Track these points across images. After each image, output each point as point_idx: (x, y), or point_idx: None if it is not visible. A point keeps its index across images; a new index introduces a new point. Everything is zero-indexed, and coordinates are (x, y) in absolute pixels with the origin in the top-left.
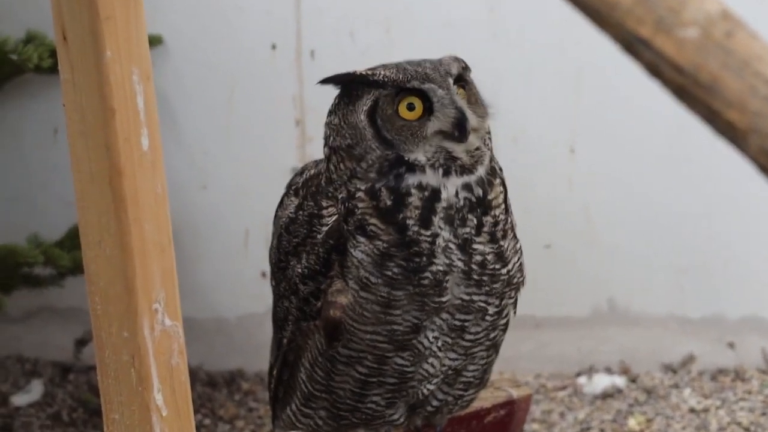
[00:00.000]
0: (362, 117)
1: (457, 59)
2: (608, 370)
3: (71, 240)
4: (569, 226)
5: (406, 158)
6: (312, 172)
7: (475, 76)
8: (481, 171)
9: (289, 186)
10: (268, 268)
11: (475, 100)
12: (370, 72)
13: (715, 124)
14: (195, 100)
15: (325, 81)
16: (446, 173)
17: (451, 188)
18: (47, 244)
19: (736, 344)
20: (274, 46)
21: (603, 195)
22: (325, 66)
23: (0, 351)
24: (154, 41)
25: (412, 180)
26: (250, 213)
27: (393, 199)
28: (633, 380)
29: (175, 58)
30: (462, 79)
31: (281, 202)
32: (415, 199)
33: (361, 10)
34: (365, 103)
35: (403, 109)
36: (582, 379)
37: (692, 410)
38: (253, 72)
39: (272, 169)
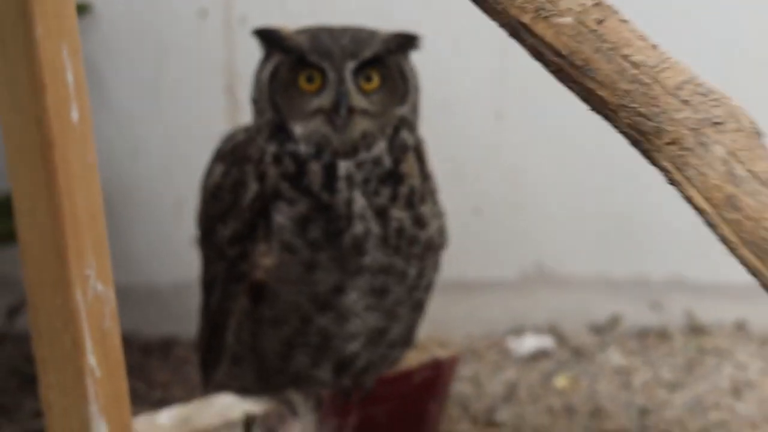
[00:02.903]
0: (265, 76)
1: (387, 39)
2: (537, 331)
3: (1, 210)
4: (497, 190)
5: (287, 127)
6: (239, 138)
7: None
8: (378, 149)
9: (215, 153)
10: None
11: (392, 84)
12: (285, 34)
13: (589, 102)
14: (124, 68)
15: (254, 32)
16: (318, 153)
17: (343, 163)
18: None
19: (660, 304)
20: (203, 12)
21: (530, 160)
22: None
23: None
24: (83, 9)
25: (290, 148)
26: (181, 180)
27: (295, 166)
28: (561, 341)
29: (104, 26)
30: (380, 61)
31: (208, 170)
32: (314, 166)
33: None
34: (271, 64)
35: (302, 79)
36: (511, 340)
37: (617, 369)
38: (182, 39)
39: (203, 136)
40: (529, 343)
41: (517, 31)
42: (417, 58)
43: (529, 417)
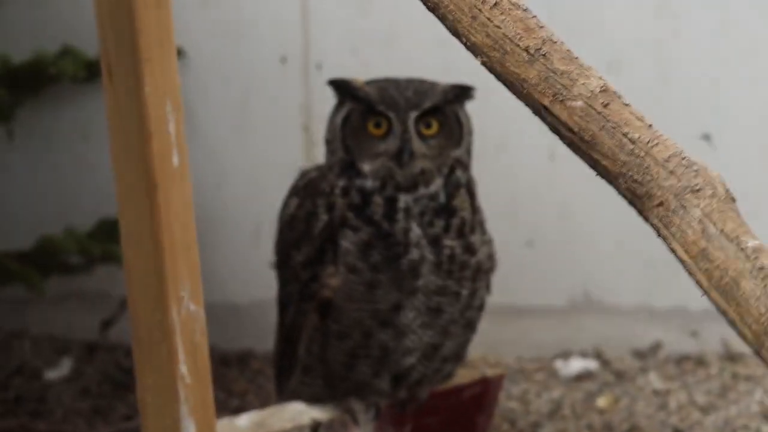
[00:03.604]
0: (338, 121)
1: (446, 90)
2: (582, 355)
3: (100, 231)
4: (549, 224)
5: (357, 165)
6: (312, 175)
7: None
8: (435, 186)
9: (291, 188)
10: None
11: (449, 130)
12: (357, 85)
13: (595, 168)
14: (213, 106)
15: (329, 82)
16: (383, 187)
17: (404, 197)
18: (80, 234)
19: (698, 333)
20: (284, 59)
21: (579, 197)
22: (329, 77)
23: (33, 331)
24: (178, 54)
25: (358, 183)
26: (261, 209)
27: (360, 198)
28: (605, 364)
29: (196, 69)
30: (438, 110)
31: (284, 203)
32: (377, 198)
33: (363, 28)
34: (344, 110)
35: (371, 125)
36: (558, 363)
37: (655, 392)
38: (265, 82)
39: (281, 169)
40: (575, 365)
41: (539, 110)
42: (477, 104)
43: None
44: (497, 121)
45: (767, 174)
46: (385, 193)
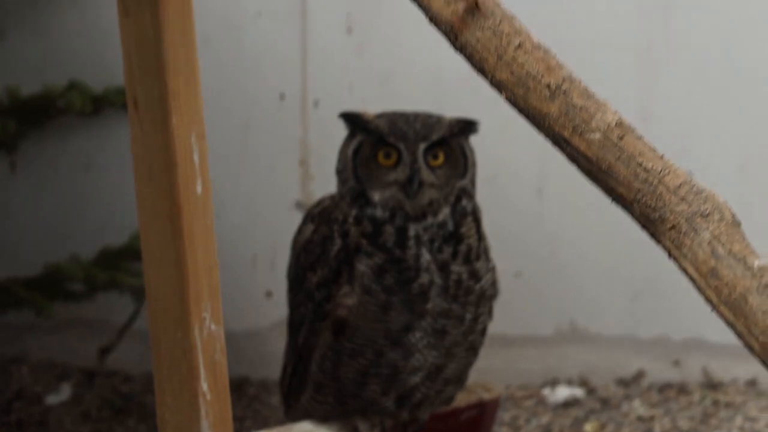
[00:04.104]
0: (350, 152)
1: (452, 124)
2: (569, 383)
3: (103, 259)
4: (537, 256)
5: (367, 194)
6: (326, 204)
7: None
8: (443, 215)
9: (306, 215)
10: (273, 288)
11: (455, 161)
12: (368, 118)
13: (611, 195)
14: (214, 140)
15: (340, 115)
16: (392, 216)
17: (413, 226)
18: (85, 262)
19: (680, 362)
20: (282, 96)
21: (566, 231)
22: (326, 114)
23: (34, 357)
24: None
25: (369, 212)
26: (258, 240)
27: (372, 227)
28: (590, 392)
29: None
30: (445, 142)
31: (299, 229)
32: (389, 227)
33: (359, 67)
34: (355, 142)
35: (381, 155)
36: (546, 390)
37: (640, 418)
38: (264, 117)
39: (278, 202)
40: (562, 392)
41: (559, 141)
42: (472, 141)
43: None
44: (487, 157)
45: (743, 206)
46: (396, 223)
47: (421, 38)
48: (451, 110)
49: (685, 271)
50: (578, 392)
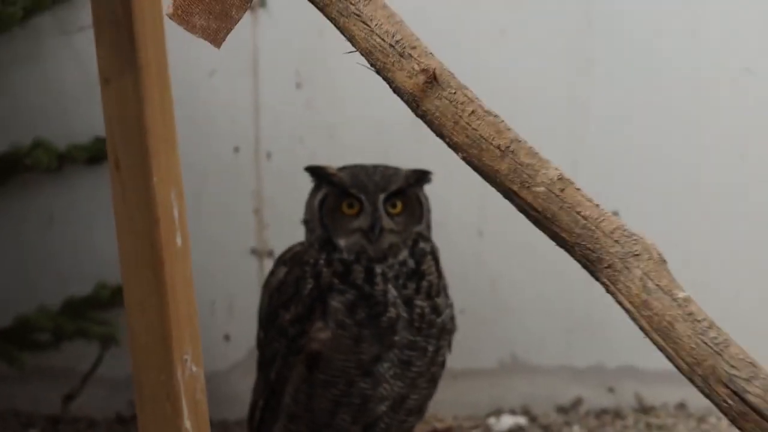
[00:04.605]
0: (316, 203)
1: (407, 175)
2: (512, 412)
3: (70, 309)
4: (479, 294)
5: (334, 240)
6: (296, 249)
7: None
8: (403, 255)
9: (278, 260)
10: (230, 332)
11: (411, 209)
12: (331, 171)
13: (555, 239)
14: None
15: (306, 169)
16: (357, 259)
17: (378, 266)
18: (52, 312)
19: (614, 389)
20: (237, 149)
21: (506, 270)
22: (279, 165)
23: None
24: None
25: (337, 257)
26: (215, 286)
27: (343, 267)
28: (533, 420)
29: None
30: (402, 192)
31: (272, 272)
32: (357, 267)
33: (309, 120)
34: (320, 193)
35: (345, 205)
36: (491, 420)
37: None
38: (220, 169)
39: (234, 249)
40: (506, 421)
41: (509, 195)
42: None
43: None
44: (431, 202)
45: (664, 243)
46: (362, 263)
47: (366, 92)
48: (396, 159)
49: (621, 304)
50: (521, 420)
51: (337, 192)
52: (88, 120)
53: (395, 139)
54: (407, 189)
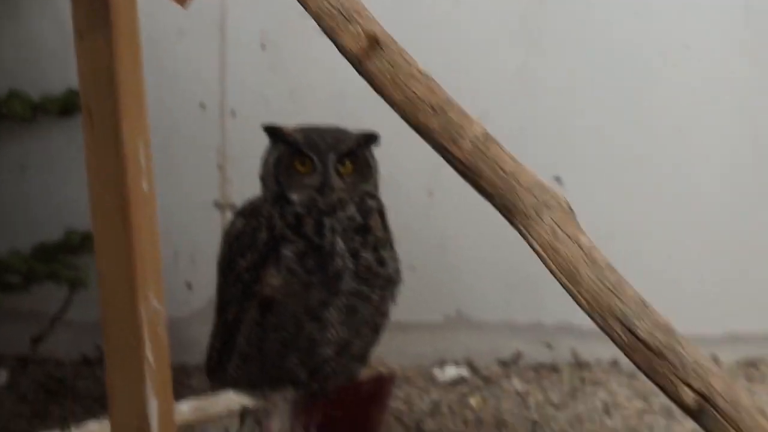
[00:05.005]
0: (271, 160)
1: (357, 137)
2: (456, 364)
3: (42, 253)
4: (428, 252)
5: (287, 195)
6: (254, 203)
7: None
8: (351, 210)
9: (237, 213)
10: (193, 280)
11: (360, 169)
12: (287, 131)
13: (480, 191)
14: None
15: (263, 128)
16: (308, 211)
17: (327, 219)
18: (25, 256)
19: (552, 344)
20: (203, 106)
21: (454, 230)
22: (243, 123)
23: None
24: None
25: (290, 210)
26: (180, 236)
27: (295, 219)
28: (475, 371)
29: None
30: (352, 153)
31: (231, 223)
32: (309, 219)
33: (271, 80)
34: (275, 152)
35: (298, 163)
36: (436, 370)
37: (517, 393)
38: (186, 125)
39: (198, 202)
40: (450, 372)
41: (440, 149)
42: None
43: (449, 427)
44: (383, 163)
45: (608, 207)
46: (313, 216)
47: (327, 57)
48: (353, 120)
49: (533, 248)
50: (464, 372)
51: (292, 151)
52: (61, 73)
53: (353, 100)
54: (357, 150)
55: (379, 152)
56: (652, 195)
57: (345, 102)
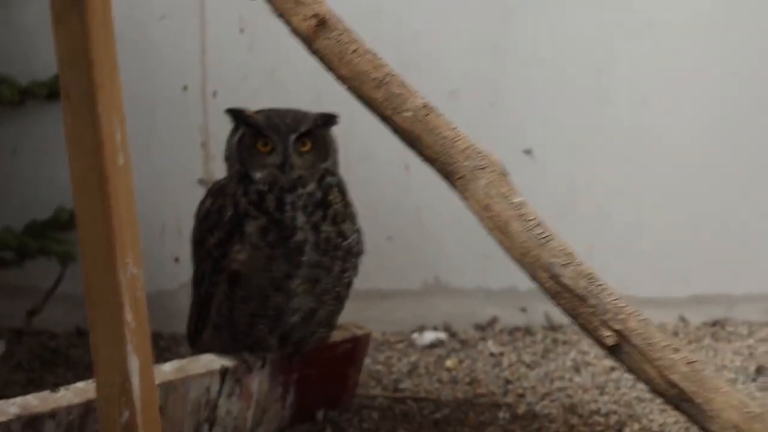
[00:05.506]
0: (234, 141)
1: (316, 118)
2: (435, 329)
3: (33, 230)
4: (406, 222)
5: (250, 174)
6: (221, 183)
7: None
8: (311, 187)
9: (207, 192)
10: (180, 254)
11: (319, 148)
12: (248, 114)
13: (422, 156)
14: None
15: (226, 111)
16: (270, 189)
17: (288, 195)
18: (16, 233)
19: (526, 309)
20: (185, 87)
21: (430, 201)
22: (224, 103)
23: None
24: None
25: (253, 188)
26: (165, 212)
27: (257, 196)
28: (452, 335)
29: None
30: (310, 133)
31: (201, 202)
32: (270, 196)
33: (251, 62)
34: (239, 133)
35: (259, 144)
36: (415, 335)
37: (492, 354)
38: (170, 106)
39: (183, 179)
40: (428, 336)
41: (385, 119)
42: (344, 124)
43: (425, 386)
44: (360, 139)
45: (576, 177)
46: (274, 193)
47: None
48: (329, 101)
49: (470, 207)
50: (442, 336)
51: (253, 132)
52: (48, 58)
53: (329, 81)
54: (315, 130)
55: (357, 128)
56: (619, 163)
57: (323, 81)
